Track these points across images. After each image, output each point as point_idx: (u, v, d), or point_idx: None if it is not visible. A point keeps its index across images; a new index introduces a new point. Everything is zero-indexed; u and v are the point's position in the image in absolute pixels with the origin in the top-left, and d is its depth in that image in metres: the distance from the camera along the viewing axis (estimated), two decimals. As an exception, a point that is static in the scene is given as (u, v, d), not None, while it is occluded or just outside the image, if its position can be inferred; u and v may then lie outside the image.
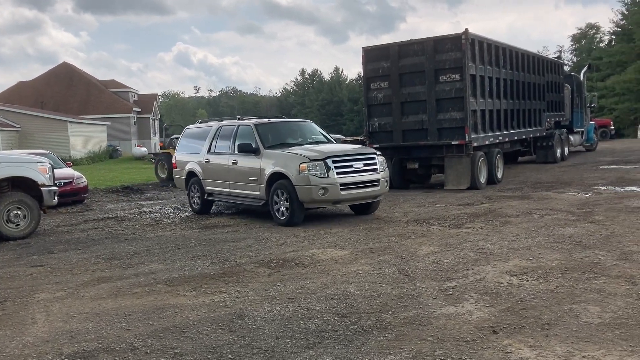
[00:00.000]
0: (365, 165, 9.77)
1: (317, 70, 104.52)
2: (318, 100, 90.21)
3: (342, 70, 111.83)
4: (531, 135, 18.53)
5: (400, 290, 5.52)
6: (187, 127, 13.26)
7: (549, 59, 21.51)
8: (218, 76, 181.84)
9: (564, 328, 4.25)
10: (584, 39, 72.53)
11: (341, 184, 9.40)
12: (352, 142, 19.08)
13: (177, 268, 6.94)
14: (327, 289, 5.69)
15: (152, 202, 14.92)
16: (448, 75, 13.59)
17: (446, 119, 13.72)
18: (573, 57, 73.26)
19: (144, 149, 43.85)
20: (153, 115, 58.59)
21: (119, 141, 48.96)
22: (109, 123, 47.18)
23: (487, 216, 9.61)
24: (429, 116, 13.89)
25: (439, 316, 4.68)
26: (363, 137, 18.26)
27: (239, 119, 11.62)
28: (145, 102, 58.39)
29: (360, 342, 4.21)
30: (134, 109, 54.16)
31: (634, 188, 12.23)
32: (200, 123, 12.96)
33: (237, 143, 10.66)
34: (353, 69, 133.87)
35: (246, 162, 10.48)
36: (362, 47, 15.11)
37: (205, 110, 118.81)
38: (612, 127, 38.16)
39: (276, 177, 9.78)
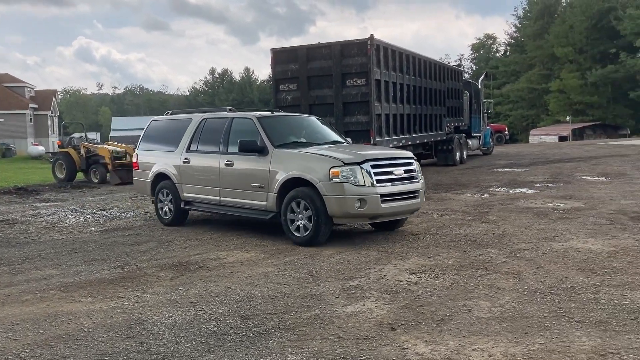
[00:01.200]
0: (405, 171, 8.01)
1: (227, 70, 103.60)
2: (228, 101, 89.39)
3: (253, 70, 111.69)
4: (432, 139, 19.33)
5: (305, 290, 5.57)
6: (153, 119, 10.98)
7: (449, 67, 22.56)
8: (122, 73, 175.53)
9: (457, 323, 4.47)
10: (482, 48, 76.89)
11: (382, 195, 7.57)
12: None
13: (73, 273, 6.60)
14: (231, 291, 5.64)
15: (48, 204, 14.08)
16: (354, 80, 13.89)
17: (353, 122, 14.02)
18: (472, 66, 77.47)
19: (41, 148, 41.43)
20: (52, 112, 55.45)
21: (13, 139, 45.90)
22: (1, 120, 44.05)
23: (391, 217, 9.91)
24: (337, 119, 14.11)
25: (340, 315, 4.78)
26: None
27: (229, 110, 9.46)
28: (43, 98, 55.17)
29: (263, 343, 4.21)
30: (31, 105, 51.00)
31: (524, 189, 13.08)
32: (170, 114, 10.67)
33: (237, 140, 8.54)
34: (264, 70, 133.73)
35: (248, 163, 8.43)
36: (271, 49, 15.11)
37: (109, 108, 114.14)
38: (507, 133, 40.60)
39: (293, 183, 7.84)
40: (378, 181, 7.57)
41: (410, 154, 8.53)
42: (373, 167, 7.61)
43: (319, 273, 6.21)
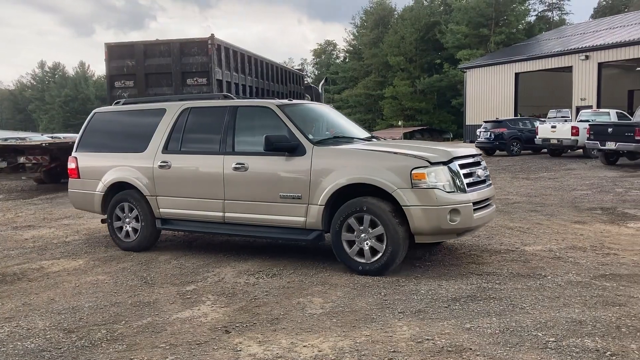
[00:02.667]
0: (484, 172, 6.45)
1: (59, 63, 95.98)
2: (61, 97, 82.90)
3: (89, 65, 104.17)
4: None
5: (137, 298, 5.34)
6: (98, 111, 8.33)
7: (291, 70, 23.12)
8: None
9: (291, 321, 4.58)
10: (324, 54, 79.84)
11: (473, 203, 5.93)
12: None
13: None
14: (54, 303, 5.22)
15: None
16: (195, 79, 13.70)
17: (194, 123, 13.75)
18: (315, 70, 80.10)
19: None
20: None
21: None
22: None
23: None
24: (177, 119, 13.77)
25: (174, 321, 4.65)
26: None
27: (224, 97, 7.51)
28: None
29: (87, 357, 3.95)
30: None
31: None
32: (123, 104, 8.11)
33: (248, 136, 6.81)
34: (101, 65, 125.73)
35: (273, 167, 6.37)
36: (105, 43, 14.36)
37: None
38: (346, 135, 42.50)
39: (348, 191, 5.99)
40: (469, 185, 5.98)
41: (478, 150, 6.95)
42: (461, 167, 6.00)
43: (153, 279, 5.99)
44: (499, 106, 33.93)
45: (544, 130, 21.86)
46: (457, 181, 5.81)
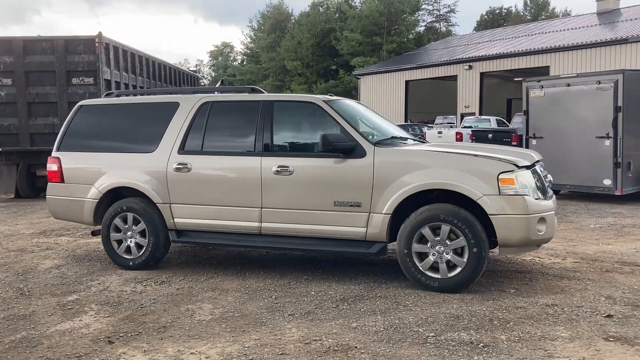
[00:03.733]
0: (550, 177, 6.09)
1: None
2: None
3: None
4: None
5: (11, 311, 4.99)
6: (84, 103, 7.00)
7: (186, 71, 22.60)
8: None
9: (179, 328, 4.49)
10: (220, 56, 78.91)
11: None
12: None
13: None
14: None
15: None
16: (81, 79, 13.05)
17: (80, 124, 13.08)
18: (211, 72, 78.94)
19: None
20: None
21: None
22: None
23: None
24: (61, 119, 13.02)
25: (52, 334, 4.40)
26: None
27: (252, 90, 6.49)
28: None
29: (-50, 378, 3.64)
30: None
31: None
32: (117, 96, 7.16)
33: (295, 135, 6.17)
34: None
35: (325, 170, 5.60)
36: (-21, 37, 13.31)
37: None
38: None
39: (420, 198, 5.35)
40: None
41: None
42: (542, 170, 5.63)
43: (31, 290, 5.63)
44: (391, 112, 35.23)
45: (432, 135, 22.96)
46: (541, 187, 5.39)
